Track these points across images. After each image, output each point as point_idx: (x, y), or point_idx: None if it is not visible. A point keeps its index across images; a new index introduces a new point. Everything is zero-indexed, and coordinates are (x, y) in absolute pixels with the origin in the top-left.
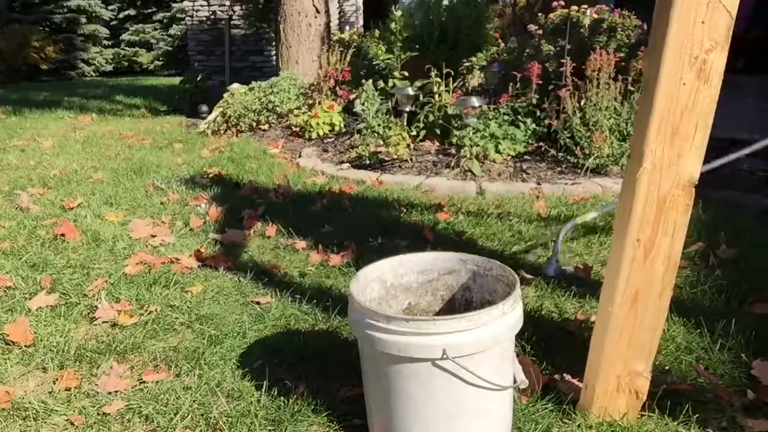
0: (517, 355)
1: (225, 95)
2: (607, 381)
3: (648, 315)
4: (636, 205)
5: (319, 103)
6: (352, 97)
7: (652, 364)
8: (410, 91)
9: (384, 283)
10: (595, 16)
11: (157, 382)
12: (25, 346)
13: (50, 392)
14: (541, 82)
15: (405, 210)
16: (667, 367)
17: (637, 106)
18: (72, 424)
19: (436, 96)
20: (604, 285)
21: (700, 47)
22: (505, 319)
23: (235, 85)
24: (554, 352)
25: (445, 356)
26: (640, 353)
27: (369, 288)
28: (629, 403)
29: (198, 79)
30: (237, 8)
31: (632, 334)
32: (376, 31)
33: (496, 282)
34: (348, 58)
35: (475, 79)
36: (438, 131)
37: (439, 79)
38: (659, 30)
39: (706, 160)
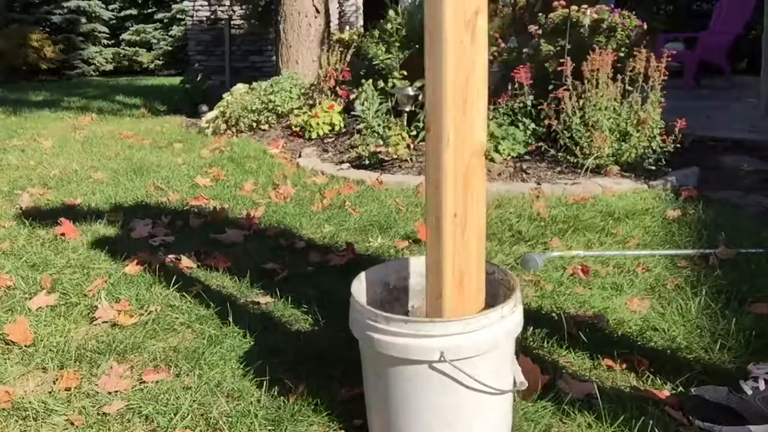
0: (517, 356)
1: (225, 95)
2: None
3: (472, 295)
4: (447, 179)
5: (319, 103)
6: (352, 97)
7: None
8: (410, 91)
9: (387, 285)
10: (595, 16)
11: (157, 382)
12: (25, 346)
13: (50, 392)
14: (532, 83)
15: (405, 210)
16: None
17: (426, 78)
18: (72, 424)
19: None
20: (429, 271)
21: (470, 10)
22: (504, 322)
23: (239, 86)
24: (554, 352)
25: (442, 359)
26: None
27: (371, 290)
28: None
29: (198, 79)
30: (237, 8)
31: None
32: (376, 31)
33: (497, 285)
34: (348, 58)
35: None
36: None
37: None
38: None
39: (707, 161)
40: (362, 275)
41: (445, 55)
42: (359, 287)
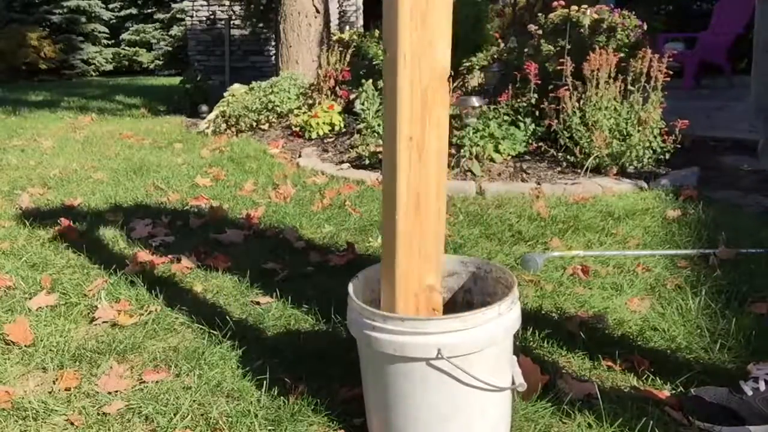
0: (517, 356)
1: (225, 95)
2: (407, 302)
3: (431, 221)
4: (403, 101)
5: (319, 103)
6: (352, 97)
7: None
8: None
9: None
10: (595, 16)
11: (157, 382)
12: (25, 346)
13: (50, 392)
14: (540, 81)
15: None
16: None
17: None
18: (72, 424)
19: None
20: (384, 196)
21: None
22: (501, 319)
23: (236, 85)
24: (554, 352)
25: (440, 356)
26: (430, 264)
27: (369, 289)
28: None
29: (198, 79)
30: (237, 8)
31: (420, 244)
32: (376, 31)
33: (495, 284)
34: (348, 58)
35: (475, 79)
36: None
37: None
38: None
39: (708, 161)
40: (359, 275)
41: None
42: (356, 287)
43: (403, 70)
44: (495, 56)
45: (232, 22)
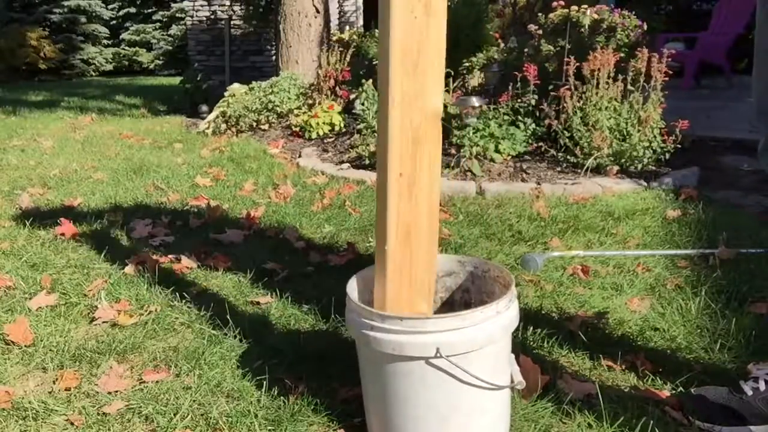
0: (517, 356)
1: (225, 95)
2: None
3: (422, 251)
4: (393, 140)
5: (319, 103)
6: (352, 97)
7: None
8: None
9: None
10: (595, 16)
11: (157, 382)
12: (25, 346)
13: (50, 392)
14: (539, 81)
15: None
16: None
17: (378, 46)
18: (72, 424)
19: None
20: (377, 226)
21: None
22: (499, 318)
23: (236, 85)
24: (554, 352)
25: (438, 354)
26: (422, 293)
27: (368, 289)
28: None
29: (198, 79)
30: (237, 8)
31: (411, 272)
32: (376, 30)
33: (493, 283)
34: (348, 58)
35: (475, 79)
36: None
37: None
38: None
39: (708, 161)
40: (358, 275)
41: (393, 24)
42: (355, 287)
43: (393, 111)
44: (495, 56)
45: (232, 22)
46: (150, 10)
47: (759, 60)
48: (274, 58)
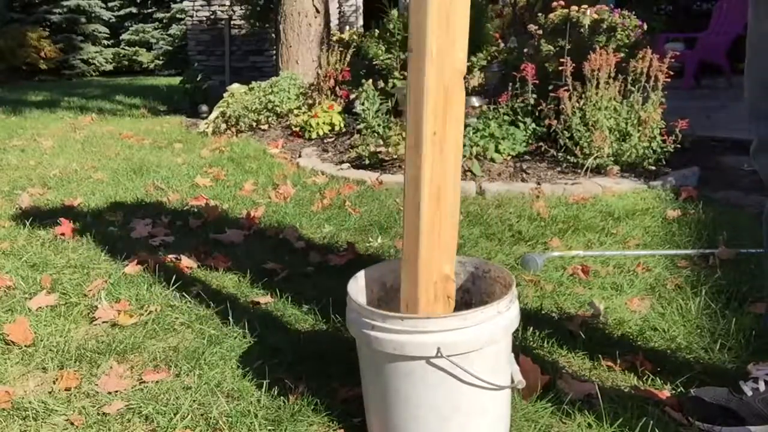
0: (517, 356)
1: (225, 95)
2: (428, 291)
3: (449, 212)
4: (428, 96)
5: (319, 103)
6: (352, 97)
7: None
8: None
9: (384, 285)
10: (595, 16)
11: (157, 382)
12: (25, 346)
13: (50, 392)
14: (537, 82)
15: None
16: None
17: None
18: (72, 424)
19: None
20: (407, 187)
21: None
22: (499, 318)
23: (235, 85)
24: (554, 352)
25: (439, 354)
26: (447, 255)
27: (368, 289)
28: (445, 309)
29: (198, 79)
30: (237, 8)
31: (440, 234)
32: (376, 30)
33: (494, 283)
34: (348, 58)
35: (475, 79)
36: None
37: None
38: None
39: (708, 161)
40: (359, 275)
41: None
42: (356, 287)
43: (430, 67)
44: (495, 56)
45: (232, 22)
46: (150, 10)
47: (749, 59)
48: (274, 58)
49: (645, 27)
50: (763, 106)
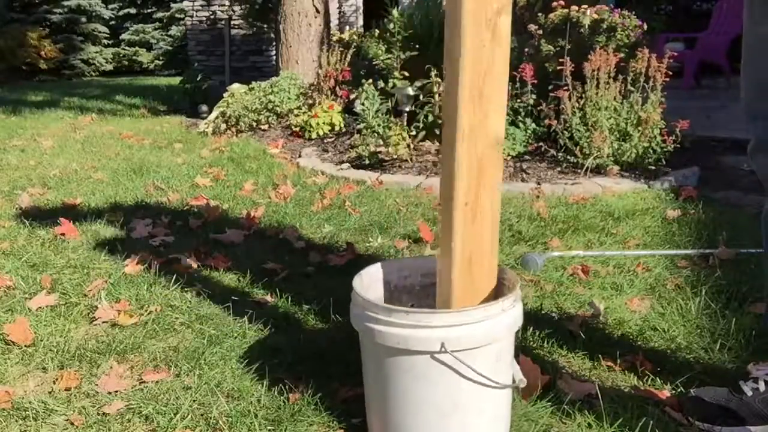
0: (517, 356)
1: (225, 95)
2: None
3: (483, 279)
4: (460, 169)
5: (319, 103)
6: (352, 97)
7: None
8: (410, 91)
9: (388, 284)
10: (595, 16)
11: (157, 382)
12: (25, 346)
13: (50, 392)
14: (537, 82)
15: (405, 210)
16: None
17: (445, 74)
18: (72, 424)
19: (436, 96)
20: (441, 252)
21: (491, 9)
22: (503, 316)
23: (235, 85)
24: (554, 352)
25: (443, 349)
26: None
27: (373, 288)
28: None
29: (198, 79)
30: (237, 8)
31: (470, 299)
32: (376, 31)
33: (498, 283)
34: (348, 58)
35: None
36: (438, 131)
37: (439, 79)
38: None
39: (708, 161)
40: (364, 272)
41: (464, 53)
42: (361, 283)
43: (461, 143)
44: None
45: (232, 22)
46: (150, 10)
47: (745, 61)
48: (274, 58)
49: (645, 27)
50: (760, 106)
